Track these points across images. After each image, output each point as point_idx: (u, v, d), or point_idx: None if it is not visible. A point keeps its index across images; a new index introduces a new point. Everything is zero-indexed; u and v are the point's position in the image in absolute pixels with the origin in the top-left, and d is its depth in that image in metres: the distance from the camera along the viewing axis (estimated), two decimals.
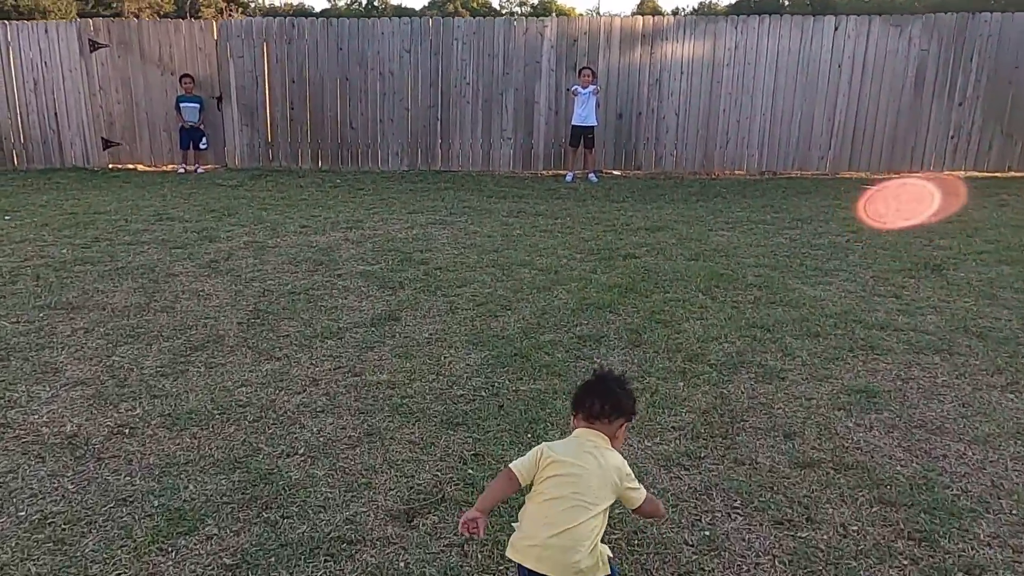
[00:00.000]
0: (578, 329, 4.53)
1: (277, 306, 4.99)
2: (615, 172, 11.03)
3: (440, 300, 5.11)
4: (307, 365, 4.06)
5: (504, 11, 58.19)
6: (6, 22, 10.96)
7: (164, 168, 11.13)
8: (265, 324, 4.66)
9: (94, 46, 10.72)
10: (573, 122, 10.32)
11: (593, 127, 10.27)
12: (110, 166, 11.17)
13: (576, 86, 10.13)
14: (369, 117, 10.93)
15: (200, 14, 37.61)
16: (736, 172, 10.94)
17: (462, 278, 5.60)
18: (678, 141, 10.86)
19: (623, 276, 5.60)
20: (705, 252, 6.33)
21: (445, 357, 4.15)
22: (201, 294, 5.23)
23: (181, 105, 10.66)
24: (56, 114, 10.95)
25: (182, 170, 10.82)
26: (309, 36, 10.71)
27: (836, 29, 10.37)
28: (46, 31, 10.66)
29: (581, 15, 10.59)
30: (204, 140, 10.86)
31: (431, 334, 4.49)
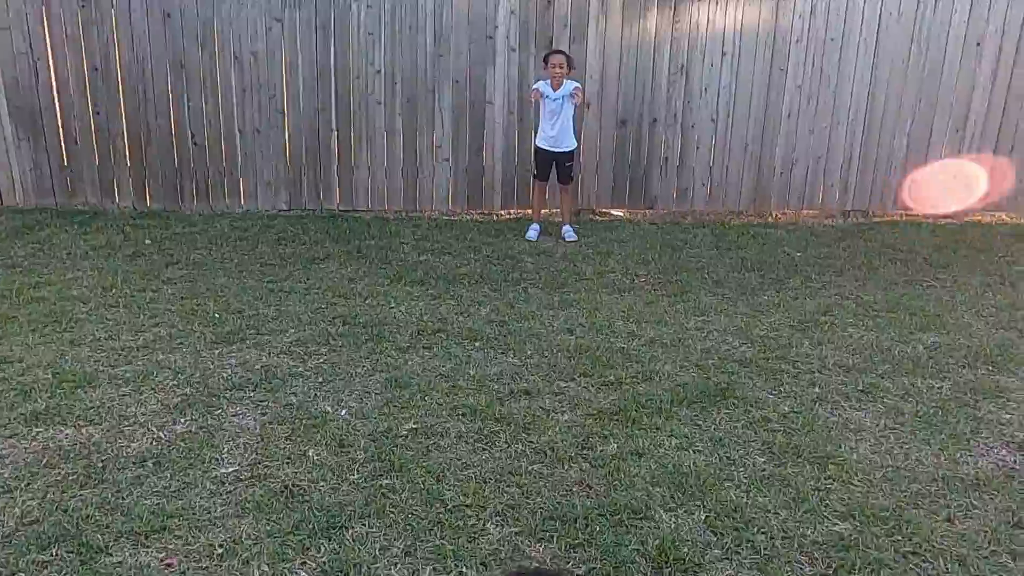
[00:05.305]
0: None
1: None
2: (615, 212, 7.03)
3: None
4: None
5: None
6: None
7: None
8: None
9: None
10: (538, 143, 6.28)
11: (571, 152, 6.25)
12: None
13: (542, 84, 6.08)
14: (222, 126, 6.84)
15: None
16: (805, 212, 6.98)
17: None
18: (715, 163, 6.87)
19: None
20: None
21: None
22: None
23: None
24: None
25: None
26: None
27: None
28: None
29: None
30: None
31: None
